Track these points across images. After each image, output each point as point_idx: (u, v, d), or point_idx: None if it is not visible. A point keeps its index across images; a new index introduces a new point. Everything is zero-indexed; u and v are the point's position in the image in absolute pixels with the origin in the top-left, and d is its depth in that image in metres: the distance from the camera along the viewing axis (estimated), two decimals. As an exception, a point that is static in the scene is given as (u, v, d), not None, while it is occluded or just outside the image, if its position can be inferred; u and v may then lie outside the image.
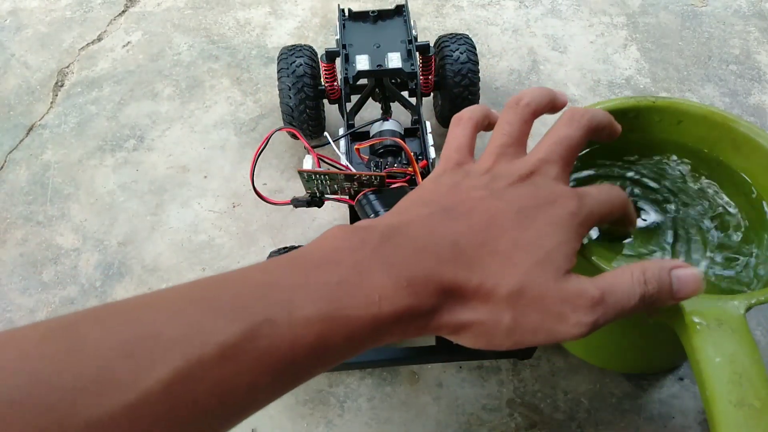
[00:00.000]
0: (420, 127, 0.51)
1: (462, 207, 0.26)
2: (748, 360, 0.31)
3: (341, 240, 0.24)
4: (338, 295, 0.22)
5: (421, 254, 0.24)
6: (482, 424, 0.44)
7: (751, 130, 0.42)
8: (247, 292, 0.22)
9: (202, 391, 0.20)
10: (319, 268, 0.23)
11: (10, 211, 0.58)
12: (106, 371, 0.19)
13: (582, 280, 0.26)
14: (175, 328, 0.21)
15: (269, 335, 0.21)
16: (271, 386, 0.22)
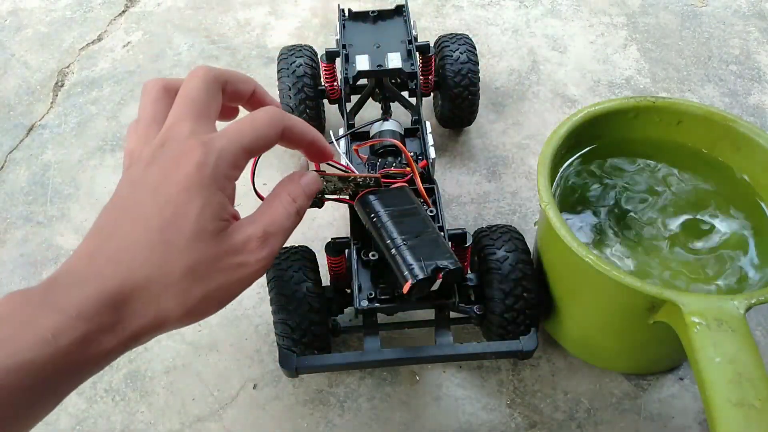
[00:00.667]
0: (420, 127, 0.51)
1: (112, 215, 0.27)
2: (748, 360, 0.31)
3: (3, 306, 0.24)
4: (3, 347, 0.22)
5: (83, 281, 0.25)
6: (482, 424, 0.44)
7: (751, 131, 0.42)
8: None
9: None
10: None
11: (10, 211, 0.58)
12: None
13: (243, 227, 0.27)
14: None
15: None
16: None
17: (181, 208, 0.26)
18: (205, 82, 0.29)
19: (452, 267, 0.36)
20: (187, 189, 0.26)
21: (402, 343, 0.48)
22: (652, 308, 0.36)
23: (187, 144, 0.27)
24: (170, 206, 0.26)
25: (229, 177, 0.27)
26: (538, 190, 0.40)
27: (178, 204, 0.26)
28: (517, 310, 0.41)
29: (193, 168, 0.26)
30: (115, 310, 0.25)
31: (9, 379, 0.22)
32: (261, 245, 0.27)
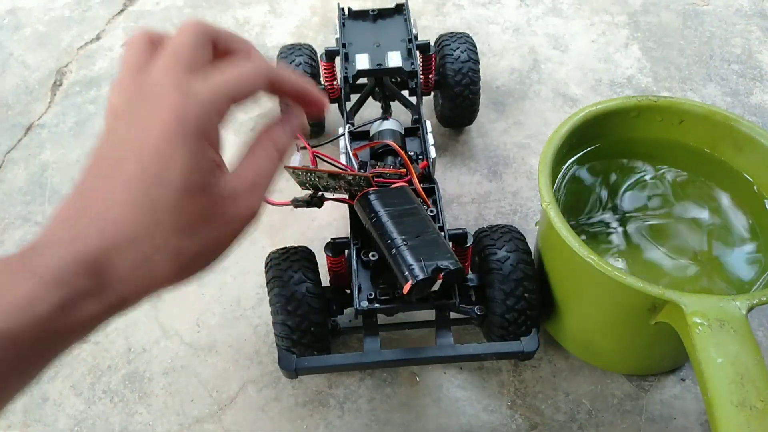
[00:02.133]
0: (420, 127, 0.51)
1: (93, 175, 0.25)
2: (750, 361, 0.31)
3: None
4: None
5: (63, 244, 0.23)
6: (483, 426, 0.44)
7: (753, 130, 0.42)
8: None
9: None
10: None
11: (9, 211, 0.58)
12: None
13: (230, 177, 0.27)
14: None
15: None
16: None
17: (165, 163, 0.24)
18: (194, 35, 0.27)
19: (453, 267, 0.36)
20: (169, 141, 0.24)
21: (402, 344, 0.48)
22: (654, 309, 0.36)
23: (168, 95, 0.25)
24: (153, 161, 0.24)
25: (213, 125, 0.26)
26: (539, 189, 0.39)
27: (161, 158, 0.24)
28: (518, 311, 0.41)
29: (174, 119, 0.25)
30: (97, 273, 0.23)
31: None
32: (250, 193, 0.27)
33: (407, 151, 0.48)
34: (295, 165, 0.42)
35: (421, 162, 0.47)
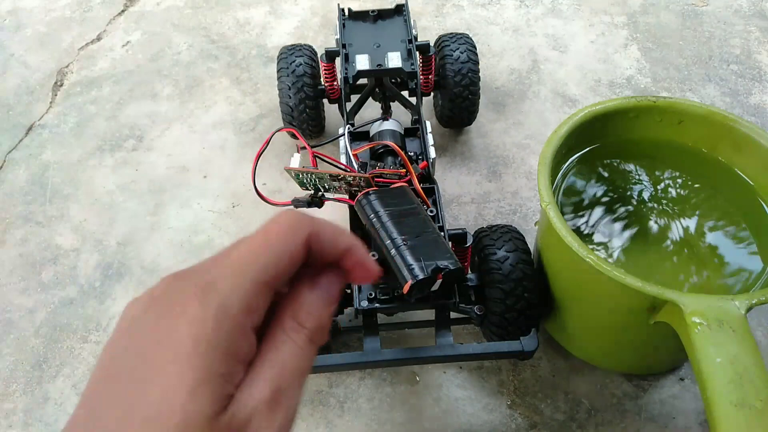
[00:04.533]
0: (420, 127, 0.51)
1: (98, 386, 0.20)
2: (749, 360, 0.31)
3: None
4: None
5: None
6: (483, 425, 0.44)
7: (752, 130, 0.42)
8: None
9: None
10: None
11: (9, 211, 0.58)
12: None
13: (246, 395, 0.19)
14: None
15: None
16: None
17: (168, 389, 0.19)
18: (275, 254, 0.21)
19: (452, 267, 0.36)
20: (175, 361, 0.19)
21: (402, 344, 0.48)
22: (653, 309, 0.36)
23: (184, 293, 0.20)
24: (155, 386, 0.19)
25: (243, 328, 0.20)
26: (539, 189, 0.39)
27: (164, 384, 0.19)
28: (517, 311, 0.41)
29: (185, 329, 0.19)
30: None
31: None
32: (272, 412, 0.19)
33: (407, 151, 0.48)
34: (295, 166, 0.42)
35: (420, 162, 0.47)
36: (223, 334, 0.19)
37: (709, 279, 0.40)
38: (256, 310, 0.20)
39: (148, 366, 0.19)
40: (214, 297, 0.19)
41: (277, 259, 0.20)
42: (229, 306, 0.19)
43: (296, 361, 0.20)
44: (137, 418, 0.19)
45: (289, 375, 0.20)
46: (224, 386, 0.19)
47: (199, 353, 0.19)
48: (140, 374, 0.19)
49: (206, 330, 0.19)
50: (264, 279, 0.20)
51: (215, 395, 0.19)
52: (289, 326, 0.21)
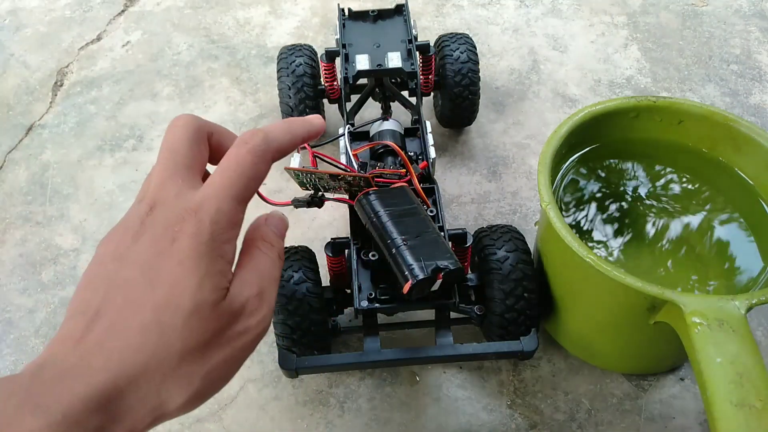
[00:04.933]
0: (420, 127, 0.51)
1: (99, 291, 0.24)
2: (749, 360, 0.31)
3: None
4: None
5: (70, 377, 0.22)
6: (483, 425, 0.44)
7: (752, 130, 0.42)
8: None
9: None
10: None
11: (9, 211, 0.58)
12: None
13: (238, 289, 0.25)
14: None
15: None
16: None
17: (176, 287, 0.23)
18: (187, 132, 0.27)
19: (452, 267, 0.36)
20: (181, 263, 0.24)
21: (402, 344, 0.48)
22: (653, 308, 0.36)
23: (176, 213, 0.24)
24: (164, 285, 0.23)
25: (230, 238, 0.25)
26: (539, 190, 0.39)
27: (172, 282, 0.23)
28: (517, 311, 0.41)
29: (187, 241, 0.24)
30: (107, 409, 0.22)
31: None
32: (259, 303, 0.26)
33: (407, 151, 0.48)
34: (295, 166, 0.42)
35: (420, 162, 0.47)
36: (217, 242, 0.24)
37: (708, 279, 0.40)
38: (238, 224, 0.25)
39: (152, 272, 0.23)
40: (206, 214, 0.24)
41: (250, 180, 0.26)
42: (219, 221, 0.24)
43: (272, 270, 0.27)
44: (147, 309, 0.23)
45: (268, 279, 0.26)
46: (221, 281, 0.24)
47: (200, 256, 0.24)
48: (146, 278, 0.23)
49: (203, 240, 0.24)
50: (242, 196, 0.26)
51: (216, 287, 0.24)
52: (264, 246, 0.27)
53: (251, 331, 0.25)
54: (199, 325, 0.23)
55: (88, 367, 0.22)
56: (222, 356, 0.24)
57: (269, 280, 0.26)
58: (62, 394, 0.21)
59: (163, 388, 0.23)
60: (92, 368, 0.22)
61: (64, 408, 0.21)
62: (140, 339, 0.23)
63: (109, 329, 0.23)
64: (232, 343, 0.25)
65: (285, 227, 0.29)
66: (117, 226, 0.26)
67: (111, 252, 0.25)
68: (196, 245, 0.24)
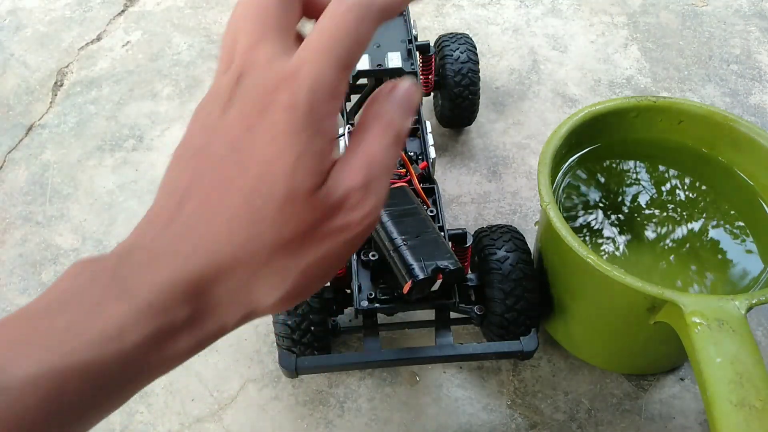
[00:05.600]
0: (420, 127, 0.51)
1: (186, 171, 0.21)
2: (749, 360, 0.31)
3: (71, 279, 0.20)
4: (65, 339, 0.19)
5: (158, 263, 0.20)
6: (482, 425, 0.44)
7: (752, 130, 0.42)
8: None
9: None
10: (44, 316, 0.20)
11: (9, 211, 0.58)
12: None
13: (341, 176, 0.21)
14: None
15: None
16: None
17: (267, 169, 0.20)
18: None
19: (452, 267, 0.36)
20: (273, 140, 0.20)
21: (402, 344, 0.48)
22: (653, 308, 0.36)
23: (269, 79, 0.21)
24: (254, 165, 0.20)
25: (330, 112, 0.21)
26: (539, 190, 0.39)
27: (263, 162, 0.20)
28: (517, 311, 0.41)
29: (280, 114, 0.20)
30: (194, 300, 0.20)
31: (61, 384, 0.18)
32: (364, 196, 0.21)
33: (407, 151, 0.48)
34: None
35: (420, 162, 0.47)
36: (315, 116, 0.20)
37: (708, 279, 0.40)
38: (340, 96, 0.21)
39: (241, 150, 0.20)
40: (303, 82, 0.20)
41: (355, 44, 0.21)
42: (318, 90, 0.20)
43: (384, 157, 0.22)
44: (236, 193, 0.20)
45: (378, 168, 0.21)
46: (319, 164, 0.20)
47: (295, 132, 0.20)
48: (235, 157, 0.20)
49: (299, 113, 0.20)
50: (346, 62, 0.21)
51: (314, 170, 0.20)
52: (378, 125, 0.22)
53: (351, 229, 0.21)
54: (293, 215, 0.20)
55: (176, 254, 0.20)
56: (319, 253, 0.21)
57: (379, 168, 0.21)
58: (148, 280, 0.20)
59: (254, 283, 0.21)
60: (179, 255, 0.20)
61: (150, 295, 0.20)
62: (229, 227, 0.20)
63: (196, 213, 0.21)
64: (330, 240, 0.21)
65: (413, 102, 0.23)
66: (206, 95, 0.23)
67: (200, 124, 0.22)
68: (290, 119, 0.20)
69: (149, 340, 0.20)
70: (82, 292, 0.20)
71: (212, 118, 0.21)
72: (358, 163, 0.21)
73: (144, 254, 0.21)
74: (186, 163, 0.22)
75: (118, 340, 0.19)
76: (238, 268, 0.20)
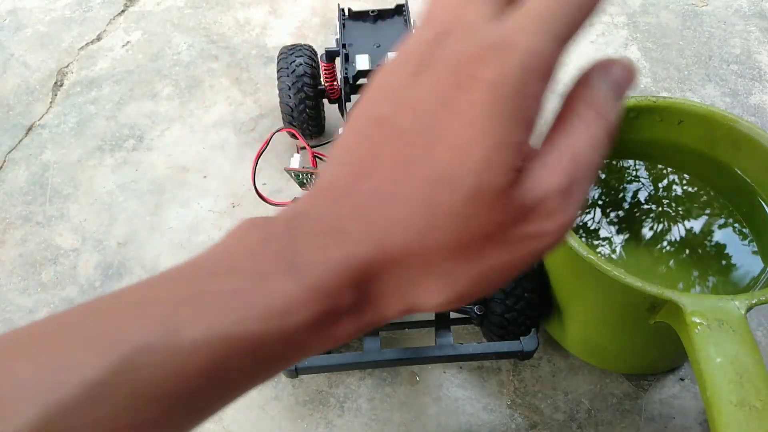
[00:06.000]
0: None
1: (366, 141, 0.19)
2: (749, 360, 0.31)
3: (240, 239, 0.19)
4: (233, 307, 0.18)
5: (330, 239, 0.19)
6: (483, 425, 0.44)
7: (752, 130, 0.42)
8: (119, 313, 0.18)
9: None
10: (212, 277, 0.19)
11: (9, 211, 0.58)
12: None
13: (538, 175, 0.18)
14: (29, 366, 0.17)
15: (147, 365, 0.17)
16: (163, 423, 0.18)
17: (460, 153, 0.17)
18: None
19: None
20: (470, 125, 0.17)
21: (402, 344, 0.48)
22: (653, 308, 0.36)
23: (476, 45, 0.18)
24: (445, 149, 0.18)
25: (538, 93, 0.18)
26: (539, 190, 0.39)
27: (456, 146, 0.17)
28: (517, 311, 0.41)
29: (483, 92, 0.17)
30: (360, 287, 0.19)
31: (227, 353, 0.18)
32: (564, 201, 0.18)
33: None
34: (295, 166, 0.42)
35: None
36: (521, 99, 0.17)
37: (708, 279, 0.40)
38: (550, 76, 0.18)
39: (431, 128, 0.18)
40: (514, 56, 0.17)
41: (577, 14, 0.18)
42: (531, 68, 0.17)
43: (590, 155, 0.19)
44: (420, 178, 0.18)
45: (583, 167, 0.18)
46: (516, 158, 0.18)
47: (495, 117, 0.17)
48: (425, 136, 0.18)
49: (504, 93, 0.17)
50: (564, 37, 0.18)
51: (509, 165, 0.17)
52: (588, 114, 0.19)
53: (543, 239, 0.18)
54: (479, 213, 0.18)
55: (348, 233, 0.19)
56: (499, 260, 0.19)
57: (585, 170, 0.18)
58: (319, 258, 0.19)
59: (421, 281, 0.19)
60: (352, 235, 0.19)
61: (320, 276, 0.18)
62: (408, 215, 0.18)
63: (374, 192, 0.19)
64: (514, 247, 0.18)
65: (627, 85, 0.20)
66: (397, 54, 0.20)
67: (386, 88, 0.19)
68: (494, 100, 0.17)
69: (312, 322, 0.18)
70: (250, 258, 0.19)
71: (402, 83, 0.19)
72: (561, 161, 0.18)
73: (314, 226, 0.19)
74: (367, 132, 0.19)
75: (283, 317, 0.18)
76: (409, 263, 0.19)
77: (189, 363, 0.18)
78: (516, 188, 0.18)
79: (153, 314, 0.18)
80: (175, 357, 0.18)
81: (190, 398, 0.18)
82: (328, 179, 0.20)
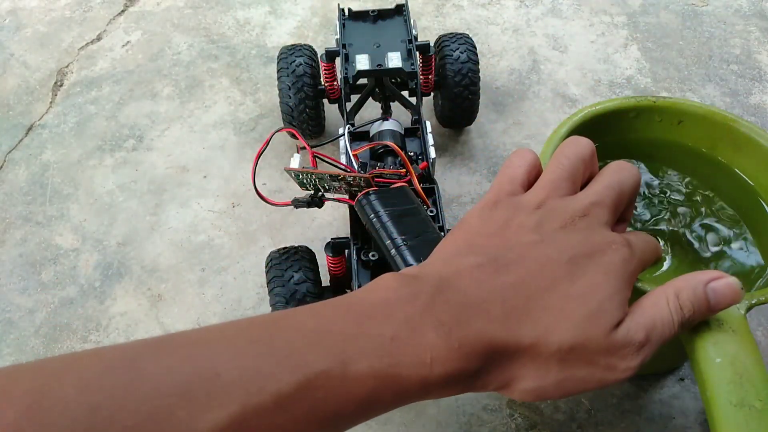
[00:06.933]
0: (420, 127, 0.51)
1: (511, 254, 0.25)
2: (749, 360, 0.31)
3: (393, 290, 0.24)
4: (390, 351, 0.22)
5: (472, 311, 0.23)
6: (482, 425, 0.44)
7: (752, 130, 0.42)
8: (300, 338, 0.22)
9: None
10: (371, 319, 0.23)
11: (9, 211, 0.58)
12: (163, 411, 0.19)
13: (629, 326, 0.25)
14: (232, 370, 0.21)
15: (323, 387, 0.21)
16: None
17: (594, 285, 0.25)
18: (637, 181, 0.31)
19: (452, 267, 0.36)
20: (607, 273, 0.25)
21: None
22: (653, 308, 0.36)
23: (612, 236, 0.27)
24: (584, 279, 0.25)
25: (633, 283, 0.27)
26: (539, 190, 0.39)
27: (591, 279, 0.25)
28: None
29: (619, 261, 0.26)
30: (487, 358, 0.23)
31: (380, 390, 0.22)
32: (636, 352, 0.25)
33: (407, 151, 0.48)
34: (295, 166, 0.42)
35: (420, 162, 0.47)
36: (633, 276, 0.26)
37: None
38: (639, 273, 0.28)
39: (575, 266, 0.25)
40: (636, 252, 0.27)
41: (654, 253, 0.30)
42: (641, 262, 0.27)
43: (664, 329, 0.26)
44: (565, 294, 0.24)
45: (657, 336, 0.26)
46: (621, 310, 0.25)
47: (622, 278, 0.25)
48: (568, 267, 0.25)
49: (629, 268, 0.26)
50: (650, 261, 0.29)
51: (619, 311, 0.25)
52: (674, 303, 0.26)
53: (614, 373, 0.25)
54: (588, 332, 0.24)
55: (488, 312, 0.23)
56: (581, 375, 0.24)
57: (657, 337, 0.26)
58: (465, 323, 0.23)
59: (528, 370, 0.24)
60: (492, 316, 0.23)
61: (462, 338, 0.23)
62: (543, 316, 0.24)
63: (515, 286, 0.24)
64: (596, 369, 0.24)
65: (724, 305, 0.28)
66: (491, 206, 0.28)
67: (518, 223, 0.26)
68: (624, 268, 0.26)
69: (445, 376, 0.23)
70: (404, 308, 0.23)
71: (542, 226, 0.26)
72: (645, 322, 0.25)
73: (461, 296, 0.24)
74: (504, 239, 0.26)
75: (428, 368, 0.22)
76: (523, 351, 0.24)
77: (352, 392, 0.22)
78: (617, 330, 0.24)
79: (328, 345, 0.22)
80: (343, 384, 0.22)
81: (345, 420, 0.22)
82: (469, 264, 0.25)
